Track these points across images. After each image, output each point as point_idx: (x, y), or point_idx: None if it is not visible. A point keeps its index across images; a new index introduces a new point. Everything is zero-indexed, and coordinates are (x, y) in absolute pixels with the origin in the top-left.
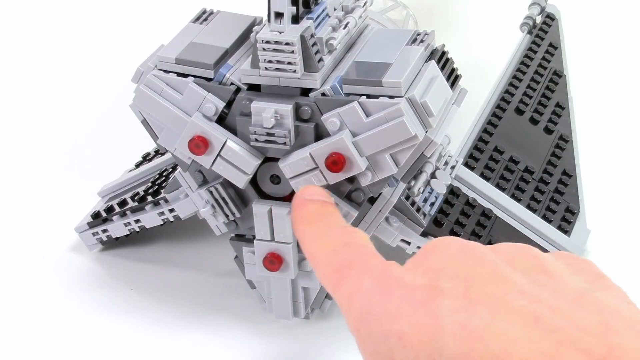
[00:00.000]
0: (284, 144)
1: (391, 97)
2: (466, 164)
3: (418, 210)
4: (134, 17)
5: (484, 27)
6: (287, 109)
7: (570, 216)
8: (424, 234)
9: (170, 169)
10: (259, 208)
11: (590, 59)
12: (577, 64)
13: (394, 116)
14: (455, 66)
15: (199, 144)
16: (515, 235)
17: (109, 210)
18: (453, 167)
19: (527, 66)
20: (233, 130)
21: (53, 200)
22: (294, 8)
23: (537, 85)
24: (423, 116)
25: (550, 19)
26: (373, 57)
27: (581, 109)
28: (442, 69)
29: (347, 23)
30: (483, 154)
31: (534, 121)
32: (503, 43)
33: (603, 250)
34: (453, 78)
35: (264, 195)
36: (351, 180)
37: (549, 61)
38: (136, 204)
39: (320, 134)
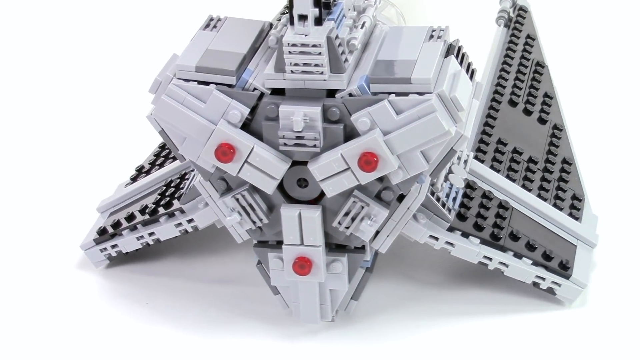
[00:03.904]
0: (314, 146)
1: (420, 93)
2: (476, 157)
3: (443, 205)
4: (124, 31)
5: (458, 22)
6: (316, 111)
7: (578, 203)
8: (450, 229)
9: (178, 180)
10: (288, 212)
11: (564, 48)
12: (553, 54)
13: (425, 112)
14: (470, 60)
15: (226, 152)
16: (533, 226)
17: (116, 225)
18: (466, 162)
19: (512, 58)
20: (257, 136)
21: (47, 219)
22: (317, 10)
23: (524, 77)
24: (453, 111)
25: (523, 12)
26: (395, 55)
27: (565, 98)
28: (460, 64)
29: (364, 23)
30: (489, 147)
31: (527, 112)
32: (478, 37)
33: (613, 234)
34: (470, 73)
35: (290, 200)
36: (380, 179)
37: (530, 52)
38: (147, 217)
39: (348, 135)
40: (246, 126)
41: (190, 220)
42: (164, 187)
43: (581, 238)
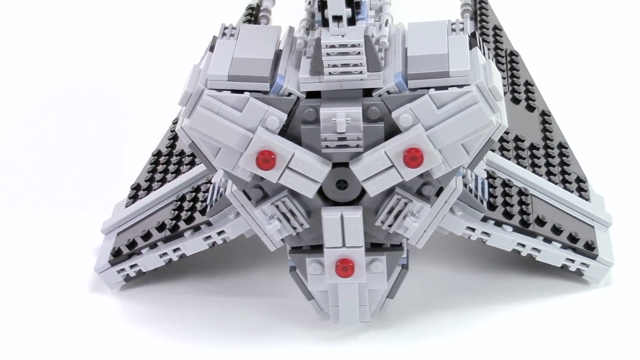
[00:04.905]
0: (357, 146)
1: (459, 86)
2: None
3: (475, 196)
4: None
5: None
6: (358, 111)
7: (584, 184)
8: (484, 219)
9: (193, 193)
10: (330, 215)
11: (523, 35)
12: (519, 42)
13: (468, 104)
14: (488, 50)
15: (268, 159)
16: (552, 210)
17: (132, 245)
18: None
19: (488, 49)
20: (294, 141)
21: (44, 247)
22: (350, 10)
23: (503, 67)
24: (491, 101)
25: (484, 3)
26: (426, 51)
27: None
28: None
29: (387, 20)
30: None
31: (516, 101)
32: None
33: (618, 213)
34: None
35: (327, 203)
36: (421, 174)
37: (502, 42)
38: (168, 233)
39: (388, 133)
40: (282, 132)
41: (220, 232)
42: (178, 202)
43: (596, 218)
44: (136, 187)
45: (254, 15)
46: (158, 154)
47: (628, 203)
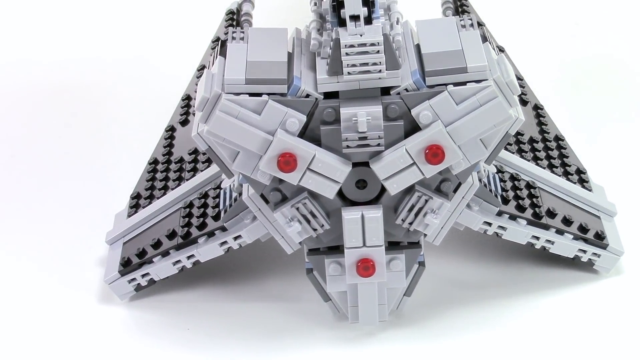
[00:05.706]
0: (378, 145)
1: (477, 81)
2: None
3: (490, 191)
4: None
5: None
6: (378, 109)
7: (584, 175)
8: (499, 214)
9: (202, 200)
10: (351, 215)
11: (505, 31)
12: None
13: (487, 99)
14: (495, 44)
15: (289, 161)
16: (560, 202)
17: (142, 254)
18: None
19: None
20: (313, 142)
21: (46, 260)
22: (366, 9)
23: None
24: (508, 95)
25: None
26: (440, 47)
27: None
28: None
29: (398, 19)
30: None
31: None
32: None
33: (624, 199)
34: None
35: (346, 203)
36: (440, 171)
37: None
38: (180, 240)
39: (407, 131)
40: (300, 134)
41: (237, 237)
42: (186, 209)
43: (601, 208)
44: (137, 196)
45: (235, 20)
46: (155, 162)
47: (624, 191)
